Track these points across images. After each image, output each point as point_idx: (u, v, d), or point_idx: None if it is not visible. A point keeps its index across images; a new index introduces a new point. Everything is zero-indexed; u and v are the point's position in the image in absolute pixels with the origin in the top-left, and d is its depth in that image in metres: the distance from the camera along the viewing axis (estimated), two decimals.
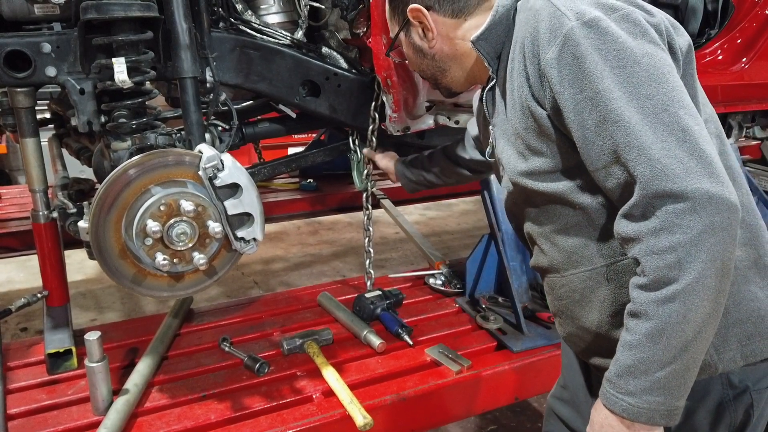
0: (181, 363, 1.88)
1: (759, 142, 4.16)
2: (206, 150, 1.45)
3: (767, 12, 2.61)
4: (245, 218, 1.51)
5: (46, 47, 1.49)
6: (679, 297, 0.92)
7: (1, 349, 1.84)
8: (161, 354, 1.88)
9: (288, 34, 1.94)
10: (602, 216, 1.11)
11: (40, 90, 1.75)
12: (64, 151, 2.40)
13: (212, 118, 1.84)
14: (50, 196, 1.84)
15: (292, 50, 1.91)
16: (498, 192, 2.18)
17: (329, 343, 1.97)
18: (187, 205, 1.42)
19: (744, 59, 2.61)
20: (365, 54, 2.04)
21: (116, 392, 1.64)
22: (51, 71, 1.51)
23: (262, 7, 1.97)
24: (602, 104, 0.97)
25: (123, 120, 1.54)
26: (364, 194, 2.23)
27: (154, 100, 1.69)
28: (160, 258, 1.42)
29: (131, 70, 1.46)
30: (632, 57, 0.98)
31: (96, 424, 1.54)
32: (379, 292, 2.18)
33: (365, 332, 1.97)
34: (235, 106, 1.88)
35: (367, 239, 2.25)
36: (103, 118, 1.56)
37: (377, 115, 2.03)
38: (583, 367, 1.43)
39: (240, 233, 1.51)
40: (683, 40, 1.10)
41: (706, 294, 0.92)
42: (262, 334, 2.06)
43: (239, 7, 1.89)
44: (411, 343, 1.96)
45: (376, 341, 1.93)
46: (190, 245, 1.45)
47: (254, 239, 1.53)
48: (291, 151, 4.79)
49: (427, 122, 2.10)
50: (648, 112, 0.95)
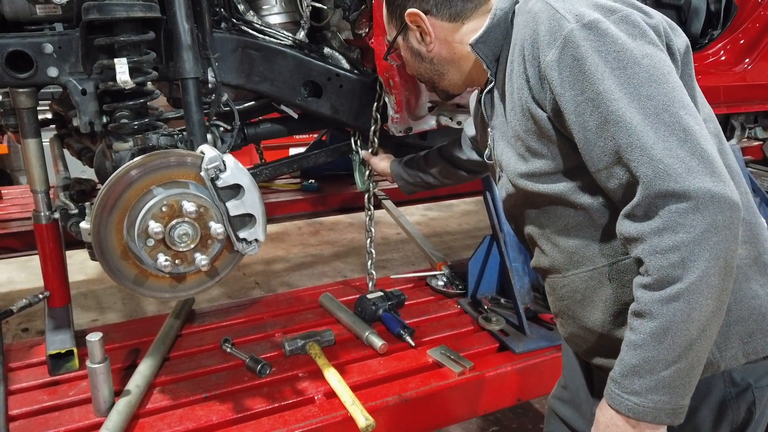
0: (183, 364, 1.87)
1: (761, 142, 4.15)
2: (208, 151, 1.45)
3: None
4: (247, 219, 1.51)
5: (48, 48, 1.49)
6: (683, 296, 0.92)
7: (2, 350, 1.84)
8: (163, 355, 1.88)
9: (290, 34, 1.93)
10: (604, 216, 1.11)
11: (41, 90, 1.75)
12: (66, 152, 2.41)
13: (214, 118, 1.83)
14: (52, 197, 1.84)
15: (294, 51, 1.91)
16: (499, 191, 2.17)
17: (331, 344, 1.96)
18: (189, 206, 1.41)
19: (747, 60, 2.60)
20: (367, 54, 2.04)
21: (118, 393, 1.64)
22: (53, 72, 1.51)
23: (264, 7, 1.97)
24: (603, 105, 0.98)
25: (125, 121, 1.53)
26: (366, 195, 2.23)
27: (155, 101, 1.69)
28: (162, 259, 1.42)
29: (133, 71, 1.45)
30: (632, 58, 0.98)
31: (97, 426, 1.54)
32: (380, 293, 2.17)
33: (367, 333, 1.97)
34: (236, 107, 1.88)
35: (368, 240, 2.25)
36: (104, 119, 1.56)
37: (379, 116, 2.03)
38: (584, 368, 1.42)
39: (242, 234, 1.51)
40: (681, 41, 1.11)
41: (710, 292, 0.92)
42: (264, 335, 2.06)
43: (241, 7, 1.89)
44: (413, 344, 1.96)
45: (378, 342, 1.93)
46: (192, 246, 1.45)
47: (256, 240, 1.53)
48: (292, 151, 4.79)
49: (430, 123, 2.10)
50: (649, 113, 0.95)
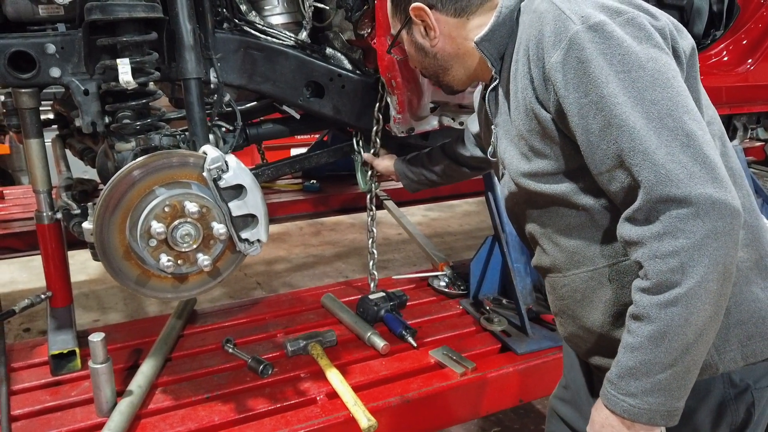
0: (185, 364, 1.87)
1: (763, 143, 4.15)
2: (210, 151, 1.45)
3: None
4: (249, 219, 1.51)
5: (51, 48, 1.49)
6: (681, 301, 0.93)
7: (4, 350, 1.84)
8: (165, 355, 1.88)
9: (292, 35, 1.93)
10: (605, 217, 1.11)
11: (43, 91, 1.75)
12: (68, 152, 2.41)
13: (216, 119, 1.84)
14: (54, 197, 1.84)
15: (296, 51, 1.91)
16: (501, 189, 2.17)
17: (333, 344, 1.96)
18: (191, 207, 1.41)
19: (749, 60, 2.60)
20: (369, 55, 2.04)
21: (120, 393, 1.64)
22: (55, 72, 1.51)
23: (267, 8, 1.97)
24: (607, 108, 0.97)
25: (127, 121, 1.54)
26: (368, 195, 2.23)
27: (158, 101, 1.69)
28: (165, 259, 1.42)
29: (135, 71, 1.46)
30: (637, 61, 0.98)
31: (100, 426, 1.54)
32: (382, 294, 2.17)
33: (369, 334, 1.97)
34: (238, 107, 1.88)
35: (370, 240, 2.25)
36: (107, 119, 1.56)
37: (381, 116, 2.03)
38: (584, 368, 1.43)
39: (244, 234, 1.51)
40: (687, 43, 1.10)
41: (708, 298, 0.93)
42: (266, 335, 2.06)
43: (243, 7, 1.89)
44: (415, 344, 1.96)
45: (380, 343, 1.92)
46: (195, 246, 1.45)
47: (258, 240, 1.53)
48: (294, 152, 4.79)
49: (432, 123, 2.10)
50: (652, 117, 0.95)
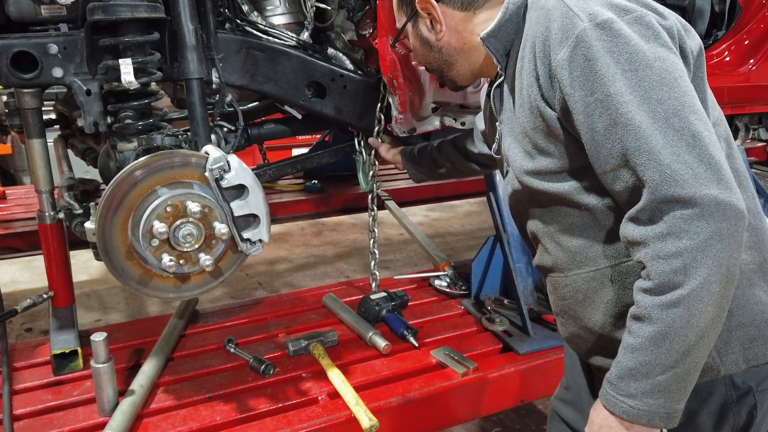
0: (187, 364, 1.88)
1: (765, 143, 4.15)
2: (212, 151, 1.45)
3: None
4: (251, 219, 1.51)
5: (53, 48, 1.49)
6: (683, 302, 0.92)
7: (6, 350, 1.84)
8: (167, 355, 1.88)
9: (294, 35, 1.94)
10: (608, 217, 1.10)
11: (45, 91, 1.75)
12: (70, 152, 2.41)
13: (218, 119, 1.84)
14: (56, 197, 1.84)
15: (297, 51, 1.91)
16: (503, 192, 2.17)
17: (334, 344, 1.96)
18: (193, 207, 1.42)
19: (751, 61, 2.60)
20: (371, 55, 2.04)
21: (122, 393, 1.64)
22: (58, 72, 1.51)
23: (268, 8, 1.97)
24: (613, 107, 0.97)
25: (129, 121, 1.54)
26: (369, 195, 2.23)
27: (160, 101, 1.69)
28: (167, 259, 1.42)
29: (138, 71, 1.46)
30: (644, 60, 0.97)
31: (102, 426, 1.54)
32: (384, 294, 2.17)
33: (370, 334, 1.97)
34: (240, 107, 1.88)
35: (371, 240, 2.25)
36: (109, 119, 1.56)
37: (383, 117, 2.03)
38: (585, 369, 1.42)
39: (246, 234, 1.51)
40: (694, 43, 1.10)
41: (711, 300, 0.92)
42: (268, 335, 2.06)
43: (245, 8, 1.89)
44: (416, 344, 1.96)
45: (381, 343, 1.93)
46: (197, 246, 1.45)
47: (260, 240, 1.53)
48: (295, 152, 4.80)
49: (433, 123, 2.10)
50: (659, 117, 0.94)
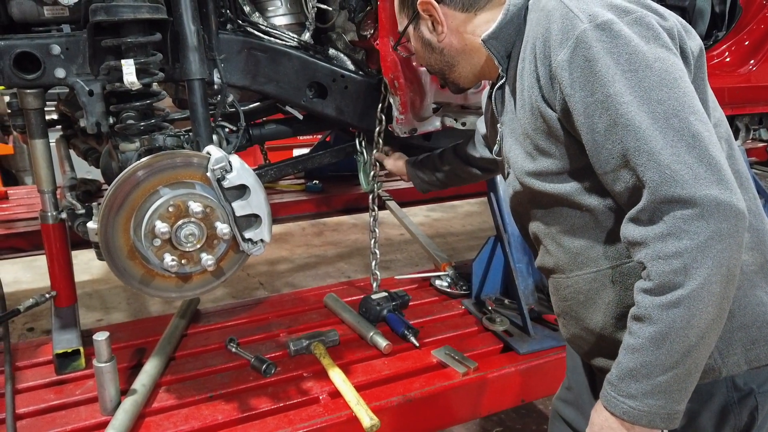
0: (189, 363, 1.88)
1: (766, 144, 4.15)
2: (214, 151, 1.45)
3: None
4: (253, 219, 1.52)
5: (56, 49, 1.50)
6: (683, 302, 0.92)
7: (9, 349, 1.85)
8: (168, 354, 1.89)
9: (295, 35, 1.94)
10: (609, 218, 1.11)
11: (48, 91, 1.76)
12: (72, 152, 2.42)
13: (219, 119, 1.84)
14: (58, 197, 1.85)
15: (299, 52, 1.92)
16: (504, 194, 2.18)
17: (336, 344, 1.97)
18: (195, 207, 1.42)
19: (752, 61, 2.61)
20: (372, 56, 2.04)
21: (124, 392, 1.65)
22: (60, 73, 1.52)
23: (270, 9, 1.98)
24: (613, 108, 0.97)
25: (131, 121, 1.54)
26: (370, 196, 2.24)
27: (161, 102, 1.70)
28: (169, 259, 1.43)
29: (140, 72, 1.46)
30: (644, 61, 0.97)
31: (104, 424, 1.54)
32: (385, 294, 2.18)
33: (371, 334, 1.97)
34: (242, 108, 1.89)
35: (372, 240, 2.26)
36: (111, 120, 1.57)
37: (384, 117, 2.04)
38: (587, 369, 1.43)
39: (247, 234, 1.51)
40: (695, 43, 1.10)
41: (711, 300, 0.92)
42: (269, 335, 2.06)
43: (247, 9, 1.90)
44: (417, 344, 1.96)
45: (382, 343, 1.93)
46: (198, 246, 1.46)
47: (261, 240, 1.54)
48: (296, 152, 4.80)
49: (434, 124, 2.10)
50: (659, 117, 0.94)
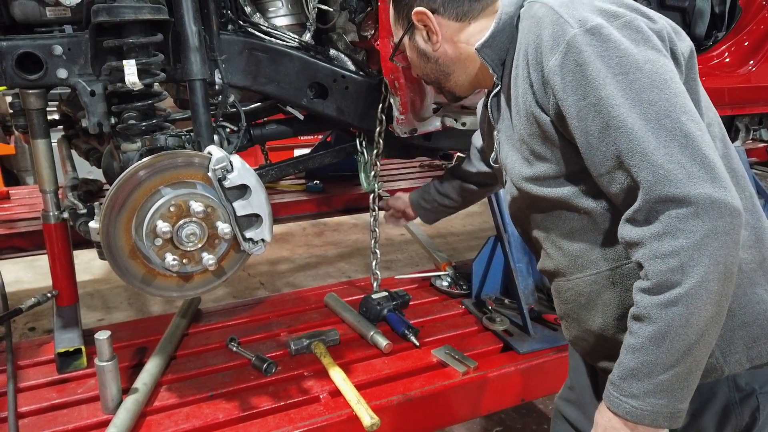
0: (190, 363, 1.89)
1: (766, 144, 4.16)
2: (215, 151, 1.46)
3: None
4: (254, 219, 1.52)
5: (58, 49, 1.51)
6: (681, 301, 0.93)
7: (11, 348, 1.86)
8: (170, 354, 1.89)
9: (296, 36, 1.95)
10: (607, 220, 1.11)
11: (50, 92, 1.76)
12: (73, 153, 2.42)
13: (220, 119, 1.85)
14: (60, 197, 1.86)
15: (300, 52, 1.93)
16: (504, 202, 2.18)
17: (336, 343, 1.97)
18: (196, 206, 1.43)
19: (751, 62, 2.61)
20: (373, 56, 2.05)
21: (125, 391, 1.65)
22: (62, 73, 1.53)
23: (271, 9, 1.99)
24: (605, 111, 0.98)
25: (133, 121, 1.55)
26: (371, 195, 2.24)
27: (163, 102, 1.71)
28: (170, 258, 1.44)
29: (141, 72, 1.47)
30: (634, 64, 0.98)
31: (105, 423, 1.55)
32: (385, 293, 2.18)
33: (372, 333, 1.98)
34: (243, 108, 1.89)
35: (373, 240, 2.26)
36: (113, 120, 1.58)
37: (384, 117, 2.04)
38: (590, 370, 1.43)
39: (248, 234, 1.52)
40: (685, 45, 1.11)
41: (709, 298, 0.93)
42: (270, 334, 2.07)
43: (248, 9, 1.90)
44: (417, 344, 1.97)
45: (382, 342, 1.94)
46: (200, 246, 1.46)
47: (262, 240, 1.54)
48: (297, 152, 4.81)
49: (434, 124, 2.11)
50: (650, 118, 0.96)
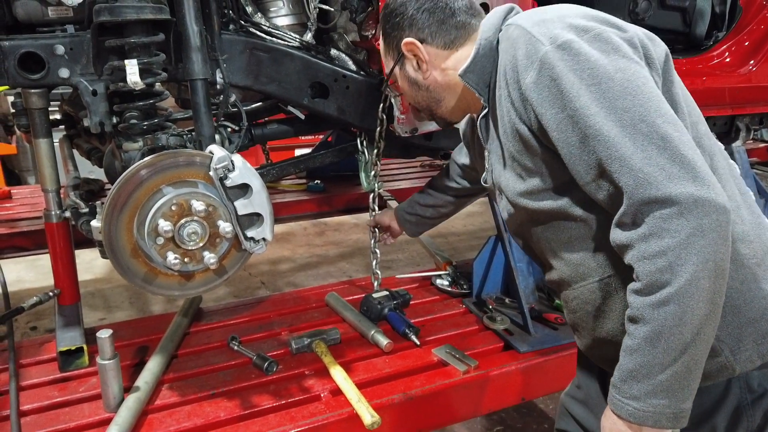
0: (191, 361, 1.89)
1: (766, 144, 4.16)
2: (217, 151, 1.47)
3: None
4: (255, 218, 1.53)
5: (60, 49, 1.51)
6: (673, 300, 0.94)
7: (13, 347, 1.86)
8: (171, 352, 1.90)
9: (297, 36, 1.95)
10: (602, 226, 1.13)
11: (51, 91, 1.77)
12: (75, 152, 2.43)
13: (222, 119, 1.85)
14: (62, 196, 1.86)
15: (301, 52, 1.93)
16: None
17: (337, 342, 1.98)
18: (198, 205, 1.44)
19: (752, 61, 2.61)
20: (374, 56, 2.05)
21: (127, 390, 1.66)
22: (64, 73, 1.53)
23: (272, 9, 1.99)
24: (582, 121, 1.01)
25: (134, 121, 1.56)
26: (371, 195, 2.25)
27: (164, 102, 1.71)
28: (171, 257, 1.44)
29: (143, 72, 1.47)
30: (605, 73, 1.01)
31: (107, 421, 1.56)
32: (386, 293, 2.19)
33: (373, 332, 1.98)
34: (244, 108, 1.90)
35: (373, 240, 2.27)
36: (114, 119, 1.58)
37: (385, 117, 2.05)
38: (596, 369, 1.43)
39: (250, 233, 1.53)
40: (660, 50, 1.14)
41: (701, 295, 0.93)
42: (271, 333, 2.08)
43: (249, 9, 1.91)
44: (418, 343, 1.97)
45: (383, 341, 1.94)
46: (201, 245, 1.47)
47: (263, 239, 1.55)
48: (298, 152, 4.82)
49: (435, 124, 2.11)
50: (626, 124, 0.98)
